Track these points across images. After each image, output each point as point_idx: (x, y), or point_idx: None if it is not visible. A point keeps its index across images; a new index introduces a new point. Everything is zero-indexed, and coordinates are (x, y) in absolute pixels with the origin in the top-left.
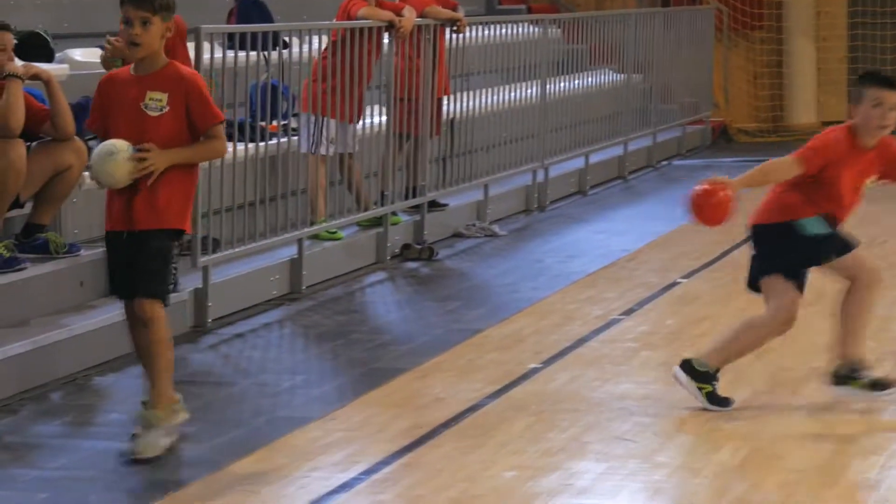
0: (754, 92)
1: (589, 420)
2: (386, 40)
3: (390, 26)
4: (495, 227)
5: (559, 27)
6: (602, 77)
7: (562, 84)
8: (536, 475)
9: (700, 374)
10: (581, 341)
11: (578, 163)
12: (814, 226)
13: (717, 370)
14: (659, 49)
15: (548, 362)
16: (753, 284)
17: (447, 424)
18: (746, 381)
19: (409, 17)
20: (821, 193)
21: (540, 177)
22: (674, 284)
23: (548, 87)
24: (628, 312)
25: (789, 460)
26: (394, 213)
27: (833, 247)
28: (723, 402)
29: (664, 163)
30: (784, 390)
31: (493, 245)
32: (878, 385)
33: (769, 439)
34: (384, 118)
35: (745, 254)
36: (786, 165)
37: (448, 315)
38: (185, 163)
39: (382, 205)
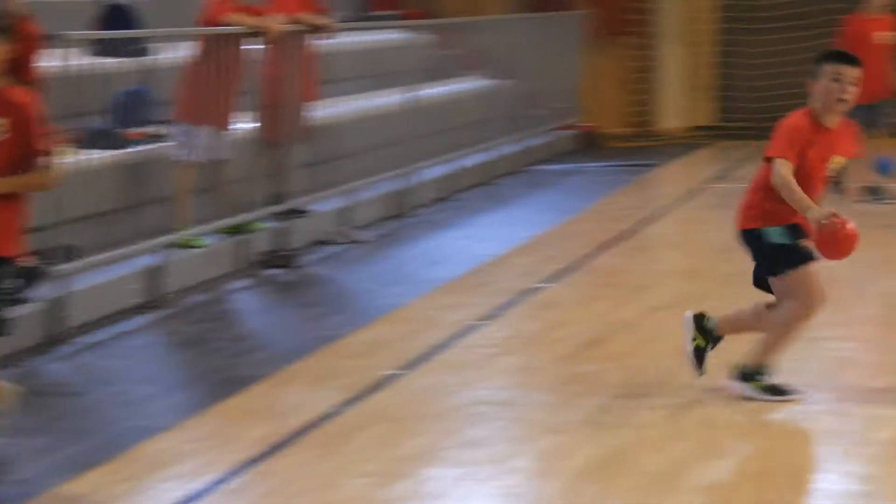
0: (623, 97)
1: (445, 426)
2: (254, 47)
3: (258, 33)
4: (360, 234)
5: (431, 33)
6: (472, 83)
7: (432, 90)
8: (390, 481)
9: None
10: (441, 347)
11: (446, 168)
12: (779, 236)
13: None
14: (529, 55)
15: (407, 368)
16: (761, 284)
17: (303, 432)
18: (603, 387)
19: (276, 23)
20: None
21: (407, 182)
22: (536, 289)
23: (417, 92)
24: (489, 318)
25: (642, 464)
26: (258, 221)
27: (789, 261)
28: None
29: (533, 168)
30: (639, 395)
31: (358, 251)
32: (775, 390)
33: (622, 444)
34: (251, 125)
35: (605, 259)
36: (787, 169)
37: (309, 322)
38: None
39: (247, 212)
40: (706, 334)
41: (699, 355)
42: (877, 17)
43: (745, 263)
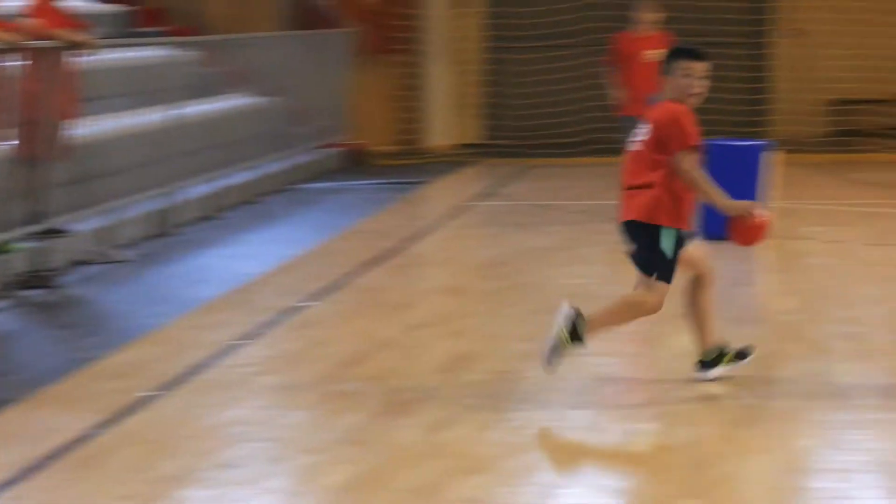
0: (391, 115)
1: (202, 447)
2: (11, 63)
3: (15, 48)
4: (122, 253)
5: (196, 50)
6: (238, 100)
7: (196, 107)
8: None
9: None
10: (200, 367)
11: (211, 186)
12: (669, 244)
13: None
14: (296, 72)
15: (164, 389)
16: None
17: (56, 455)
18: (362, 405)
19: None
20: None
21: (170, 201)
22: (299, 308)
23: (182, 110)
24: (251, 337)
25: (398, 481)
26: (15, 240)
27: (664, 272)
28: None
29: (299, 186)
30: (398, 413)
31: (119, 271)
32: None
33: (380, 461)
34: (8, 142)
35: (369, 278)
36: (696, 161)
37: (66, 343)
38: None
39: (3, 231)
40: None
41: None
42: (645, 35)
43: (509, 280)
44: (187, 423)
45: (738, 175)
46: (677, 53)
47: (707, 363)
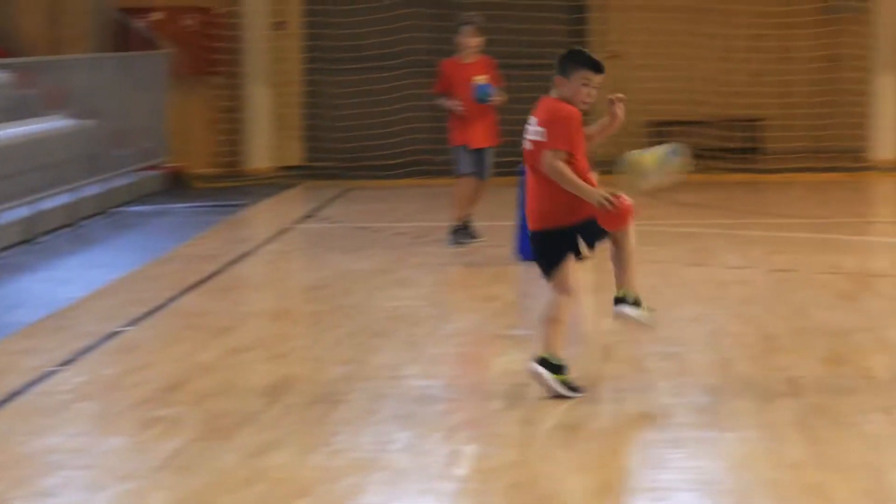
0: (211, 137)
1: (17, 475)
2: None
3: None
4: None
5: (10, 72)
6: (55, 122)
7: (11, 130)
8: None
9: (554, 366)
10: (15, 394)
11: (28, 210)
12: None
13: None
14: (113, 94)
15: None
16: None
17: None
18: (181, 430)
19: None
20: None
21: None
22: (117, 333)
23: None
24: (67, 363)
25: None
26: None
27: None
28: (574, 388)
29: (119, 209)
30: (218, 438)
31: None
32: (568, 385)
33: (199, 487)
34: None
35: (190, 301)
36: (561, 159)
37: None
38: None
39: None
40: (556, 370)
41: (569, 386)
42: (472, 61)
43: (331, 303)
44: (3, 450)
45: None
46: (581, 61)
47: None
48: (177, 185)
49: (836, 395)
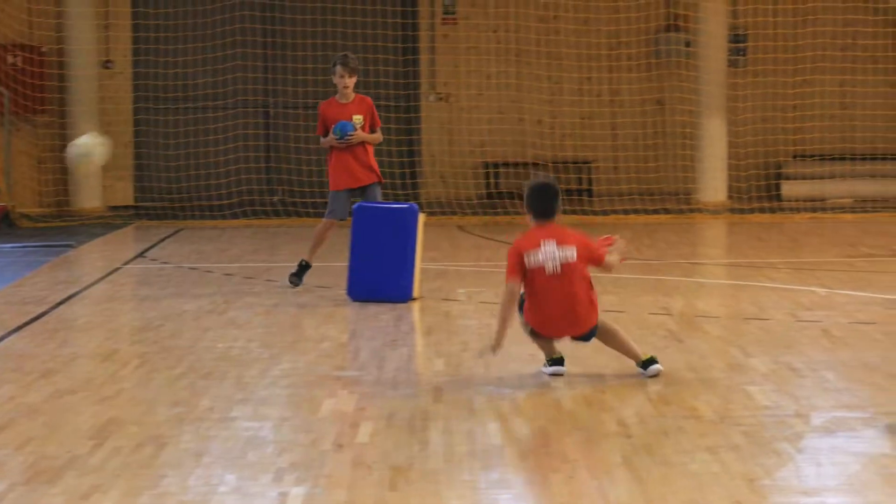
0: (38, 177)
1: None
2: None
3: None
4: None
5: None
6: None
7: None
8: None
9: None
10: None
11: None
12: None
13: None
14: None
15: None
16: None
17: None
18: (5, 472)
19: None
20: None
21: None
22: None
23: None
24: None
25: None
26: None
27: None
28: None
29: None
30: (44, 481)
31: None
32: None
33: None
34: None
35: (14, 344)
36: None
37: None
38: None
39: None
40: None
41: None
42: (347, 101)
43: (159, 344)
44: None
45: (392, 237)
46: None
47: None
48: (3, 225)
49: (663, 435)
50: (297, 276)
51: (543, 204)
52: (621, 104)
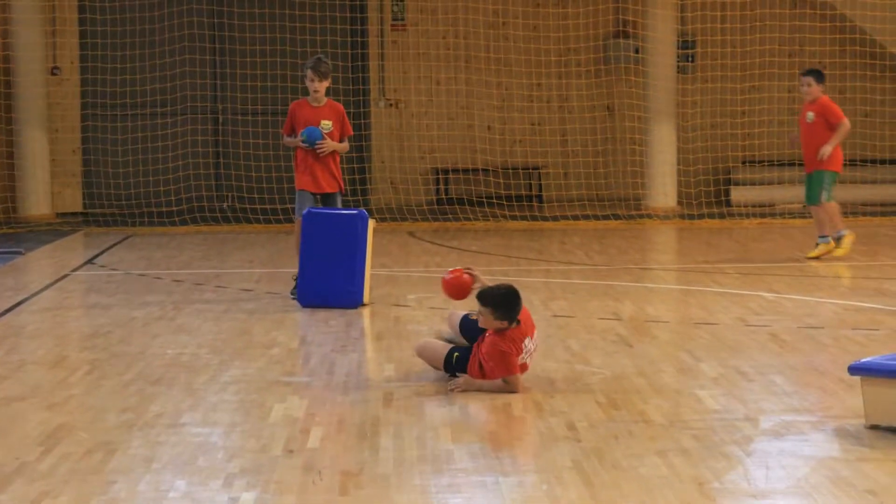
0: None
1: None
2: None
3: None
4: None
5: None
6: None
7: None
8: None
9: None
10: None
11: None
12: None
13: None
14: None
15: None
16: None
17: None
18: None
19: None
20: None
21: None
22: None
23: None
24: None
25: None
26: None
27: None
28: None
29: None
30: None
31: None
32: None
33: None
34: None
35: None
36: None
37: None
38: None
39: None
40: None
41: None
42: (318, 105)
43: (108, 351)
44: None
45: (340, 243)
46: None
47: None
48: None
49: (613, 438)
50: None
51: (518, 306)
52: (571, 110)
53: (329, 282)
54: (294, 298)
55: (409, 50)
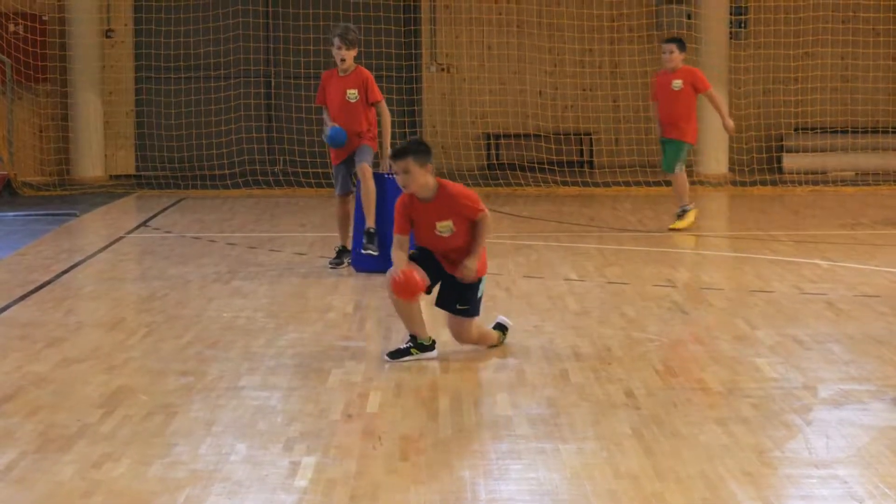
0: (40, 145)
1: None
2: None
3: None
4: None
5: None
6: None
7: None
8: None
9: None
10: None
11: None
12: None
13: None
14: None
15: None
16: None
17: None
18: (16, 442)
19: None
20: None
21: None
22: None
23: None
24: None
25: None
26: None
27: None
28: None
29: None
30: (55, 449)
31: None
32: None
33: (36, 499)
34: None
35: (21, 312)
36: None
37: None
38: None
39: None
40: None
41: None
42: (345, 74)
43: (165, 313)
44: None
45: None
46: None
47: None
48: (5, 194)
49: (672, 406)
50: (339, 258)
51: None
52: (623, 76)
53: (384, 247)
54: (333, 267)
55: (462, 14)
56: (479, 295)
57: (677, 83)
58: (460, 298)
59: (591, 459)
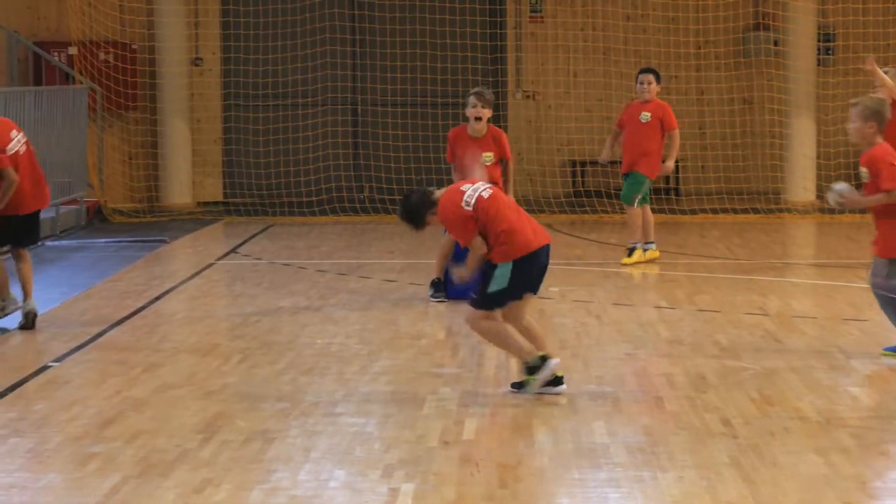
0: (129, 172)
1: None
2: None
3: None
4: None
5: None
6: None
7: None
8: None
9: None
10: None
11: None
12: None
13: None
14: (31, 128)
15: None
16: None
17: None
18: (117, 465)
19: None
20: None
21: None
22: (44, 368)
23: None
24: None
25: None
26: None
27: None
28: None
29: (38, 244)
30: (155, 474)
31: None
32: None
33: None
34: None
35: (116, 337)
36: None
37: None
38: None
39: None
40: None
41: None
42: (478, 136)
43: (258, 340)
44: None
45: None
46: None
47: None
48: (96, 220)
49: (769, 435)
50: (436, 290)
51: (415, 205)
52: (709, 103)
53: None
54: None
55: (547, 42)
56: (490, 291)
57: (646, 115)
58: (476, 288)
59: (690, 488)
